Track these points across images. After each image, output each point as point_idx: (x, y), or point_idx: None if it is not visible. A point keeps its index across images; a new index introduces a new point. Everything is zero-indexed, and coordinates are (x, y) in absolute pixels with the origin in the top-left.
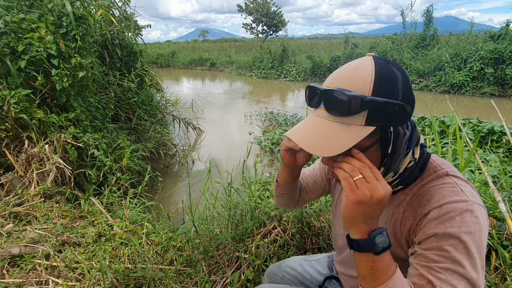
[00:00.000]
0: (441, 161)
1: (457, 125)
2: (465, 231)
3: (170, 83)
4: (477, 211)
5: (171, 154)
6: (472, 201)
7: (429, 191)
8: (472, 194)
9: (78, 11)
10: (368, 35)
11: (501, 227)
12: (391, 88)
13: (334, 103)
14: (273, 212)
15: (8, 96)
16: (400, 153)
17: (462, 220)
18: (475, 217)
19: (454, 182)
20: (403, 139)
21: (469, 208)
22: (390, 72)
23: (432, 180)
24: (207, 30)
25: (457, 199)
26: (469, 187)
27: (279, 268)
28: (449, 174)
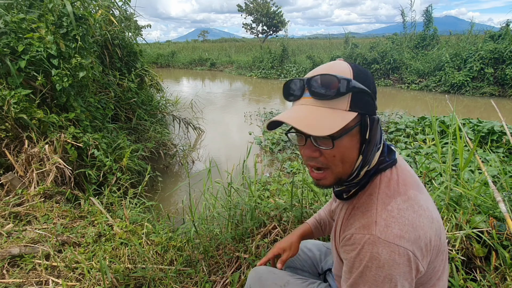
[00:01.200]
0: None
1: (457, 125)
2: (364, 265)
3: (170, 83)
4: (379, 248)
5: (171, 154)
6: (377, 235)
7: (356, 214)
8: (390, 226)
9: (78, 11)
10: (368, 35)
11: (501, 227)
12: (365, 79)
13: (322, 86)
14: (273, 212)
15: (8, 96)
16: (375, 142)
17: (361, 253)
18: (375, 253)
19: (375, 212)
20: (378, 128)
21: (370, 242)
22: (362, 68)
23: (363, 202)
24: (207, 30)
25: (365, 232)
26: (397, 219)
27: None
28: (379, 200)
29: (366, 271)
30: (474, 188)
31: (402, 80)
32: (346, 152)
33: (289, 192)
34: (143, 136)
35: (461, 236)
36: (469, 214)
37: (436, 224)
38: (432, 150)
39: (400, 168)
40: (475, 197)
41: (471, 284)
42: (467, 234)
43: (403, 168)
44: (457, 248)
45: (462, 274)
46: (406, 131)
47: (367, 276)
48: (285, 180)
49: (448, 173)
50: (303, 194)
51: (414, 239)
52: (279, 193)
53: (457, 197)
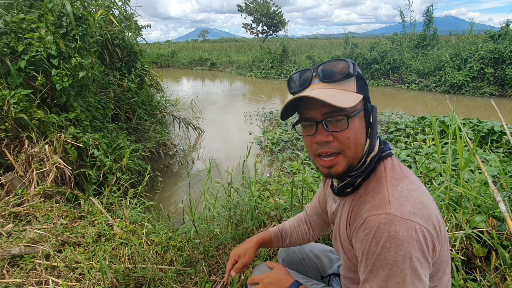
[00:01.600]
0: (392, 165)
1: (457, 125)
2: (382, 246)
3: (170, 83)
4: (397, 226)
5: (171, 154)
6: (392, 213)
7: (366, 199)
8: (403, 204)
9: (78, 11)
10: (368, 35)
11: (501, 227)
12: (359, 69)
13: (334, 71)
14: (273, 212)
15: (8, 96)
16: (376, 127)
17: (377, 235)
18: (393, 231)
19: (387, 193)
20: (376, 113)
21: (387, 221)
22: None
23: (372, 187)
24: (207, 30)
25: (379, 212)
26: (408, 198)
27: (301, 249)
28: (388, 182)
29: (384, 253)
30: (474, 188)
31: (402, 80)
32: (358, 133)
33: (289, 192)
34: (143, 136)
35: (461, 236)
36: (469, 214)
37: (436, 209)
38: (432, 150)
39: (395, 158)
40: (475, 197)
41: (471, 284)
42: (467, 234)
43: (397, 160)
44: (457, 248)
45: (462, 274)
46: (406, 131)
47: (386, 259)
48: (285, 180)
49: (448, 173)
50: (303, 194)
51: (427, 217)
52: (279, 193)
53: (457, 197)
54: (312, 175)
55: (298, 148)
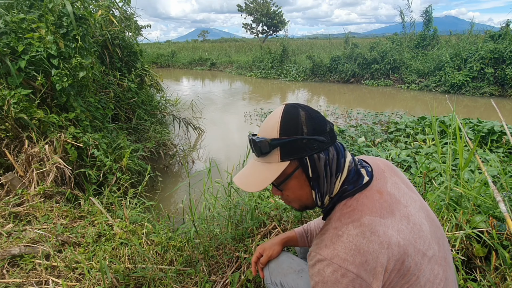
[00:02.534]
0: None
1: (457, 125)
2: (313, 279)
3: (170, 83)
4: (319, 266)
5: (171, 154)
6: (318, 254)
7: (318, 235)
8: (336, 249)
9: (78, 11)
10: (368, 35)
11: (501, 227)
12: (294, 127)
13: (254, 148)
14: (273, 212)
15: (8, 96)
16: (323, 175)
17: (312, 269)
18: (321, 270)
19: (328, 235)
20: (321, 163)
21: (314, 261)
22: (294, 114)
23: (324, 225)
24: (207, 30)
25: (316, 251)
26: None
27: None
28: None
29: (314, 285)
30: (474, 188)
31: (402, 80)
32: (296, 191)
33: None
34: (143, 136)
35: (461, 236)
36: (469, 214)
37: (396, 249)
38: (432, 150)
39: (369, 193)
40: (475, 197)
41: (471, 284)
42: (467, 234)
43: (375, 191)
44: (457, 248)
45: (462, 274)
46: (406, 131)
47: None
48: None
49: (448, 173)
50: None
51: (360, 263)
52: None
53: (457, 197)
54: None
55: None
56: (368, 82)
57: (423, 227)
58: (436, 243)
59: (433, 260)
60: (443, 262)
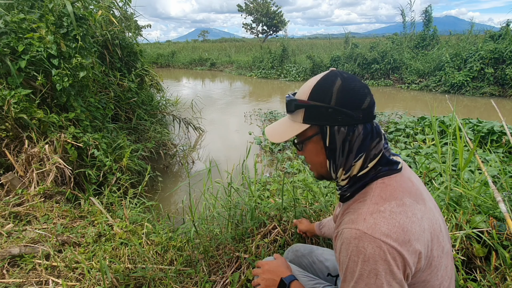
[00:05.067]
0: (386, 185)
1: (457, 125)
2: (350, 258)
3: (170, 83)
4: (365, 243)
5: (171, 154)
6: (363, 231)
7: (349, 212)
8: (378, 224)
9: (79, 11)
10: (368, 35)
11: (501, 227)
12: (323, 93)
13: (289, 103)
14: (273, 212)
15: (8, 96)
16: (340, 149)
17: (347, 247)
18: (361, 247)
19: (366, 210)
20: (340, 137)
21: (356, 237)
22: (329, 82)
23: (357, 202)
24: (207, 30)
25: (352, 227)
26: (387, 219)
27: (310, 252)
28: (372, 201)
29: (353, 265)
30: (474, 188)
31: (402, 80)
32: (313, 156)
33: (289, 192)
34: (143, 136)
35: (461, 236)
36: (469, 214)
37: (428, 237)
38: (432, 150)
39: (403, 177)
40: (475, 197)
41: (471, 284)
42: (467, 234)
43: (407, 178)
44: (457, 248)
45: (462, 274)
46: (405, 131)
47: (354, 271)
48: (286, 180)
49: (448, 173)
50: (303, 194)
51: (402, 241)
52: (279, 193)
53: (457, 197)
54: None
55: None
56: (368, 82)
57: (440, 222)
58: (448, 240)
59: (447, 255)
60: (451, 259)
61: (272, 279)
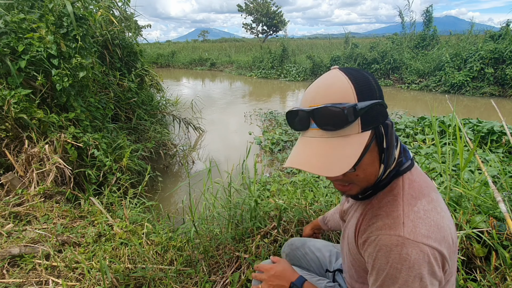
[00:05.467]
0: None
1: (457, 125)
2: (392, 266)
3: (170, 83)
4: (408, 249)
5: (171, 154)
6: (405, 237)
7: (380, 214)
8: (417, 226)
9: (78, 11)
10: (368, 35)
11: (501, 227)
12: (369, 89)
13: (328, 119)
14: (273, 212)
15: (8, 96)
16: (393, 144)
17: (388, 255)
18: (405, 254)
19: (402, 213)
20: (392, 130)
21: (399, 244)
22: (363, 76)
23: (388, 203)
24: (207, 30)
25: (391, 233)
26: (423, 220)
27: (303, 244)
28: (405, 201)
29: (395, 272)
30: (474, 188)
31: (402, 80)
32: (368, 168)
33: (289, 192)
34: (143, 136)
35: (461, 236)
36: (469, 214)
37: (454, 229)
38: (432, 150)
39: (417, 170)
40: (475, 197)
41: (471, 284)
42: (467, 234)
43: (419, 171)
44: (457, 248)
45: (462, 274)
46: (405, 131)
47: (397, 278)
48: (285, 180)
49: (448, 173)
50: (303, 194)
51: (440, 239)
52: (279, 193)
53: (457, 197)
54: (312, 175)
55: None
56: None
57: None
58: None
59: (456, 245)
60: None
61: (281, 285)
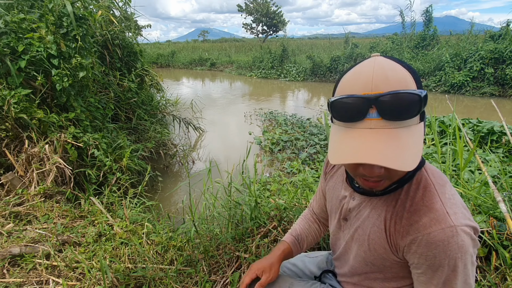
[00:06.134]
0: (432, 170)
1: (456, 125)
2: (454, 257)
3: (170, 83)
4: (461, 235)
5: (171, 154)
6: (456, 225)
7: (419, 210)
8: (456, 212)
9: (78, 11)
10: (368, 35)
11: (501, 227)
12: (419, 80)
13: (400, 107)
14: (273, 212)
15: (8, 96)
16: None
17: (448, 249)
18: (461, 241)
19: (441, 204)
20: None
21: (454, 234)
22: (409, 65)
23: (422, 196)
24: (207, 30)
25: (443, 227)
26: (455, 204)
27: (281, 267)
28: (438, 191)
29: (458, 263)
30: (474, 188)
31: None
32: None
33: (289, 192)
34: (143, 136)
35: None
36: None
37: None
38: (432, 150)
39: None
40: (475, 197)
41: None
42: None
43: None
44: None
45: None
46: None
47: (460, 267)
48: (285, 180)
49: (448, 173)
50: (303, 194)
51: (470, 216)
52: (279, 193)
53: None
54: (312, 175)
55: (298, 148)
56: None
57: None
58: None
59: None
60: None
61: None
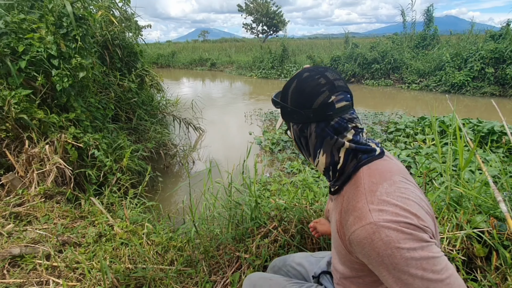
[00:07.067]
0: (372, 170)
1: (457, 125)
2: (383, 254)
3: (171, 83)
4: (384, 231)
5: (172, 154)
6: (375, 221)
7: (348, 209)
8: (383, 209)
9: (78, 12)
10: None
11: (501, 227)
12: (284, 94)
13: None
14: (274, 212)
15: (9, 97)
16: (299, 144)
17: (373, 246)
18: (385, 237)
19: (365, 201)
20: (296, 134)
21: (374, 231)
22: (289, 84)
23: (352, 196)
24: (207, 30)
25: (363, 224)
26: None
27: (284, 263)
28: (366, 189)
29: (395, 260)
30: (474, 188)
31: (403, 80)
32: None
33: (290, 192)
34: (144, 136)
35: (462, 236)
36: (470, 214)
37: (429, 210)
38: (432, 150)
39: (386, 161)
40: (476, 197)
41: (472, 284)
42: (468, 234)
43: (389, 161)
44: (457, 248)
45: (462, 274)
46: (406, 131)
47: (400, 263)
48: (285, 180)
49: (449, 173)
50: (303, 194)
51: (410, 214)
52: (279, 193)
53: (458, 197)
54: (312, 175)
55: None
56: (369, 82)
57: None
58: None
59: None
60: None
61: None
